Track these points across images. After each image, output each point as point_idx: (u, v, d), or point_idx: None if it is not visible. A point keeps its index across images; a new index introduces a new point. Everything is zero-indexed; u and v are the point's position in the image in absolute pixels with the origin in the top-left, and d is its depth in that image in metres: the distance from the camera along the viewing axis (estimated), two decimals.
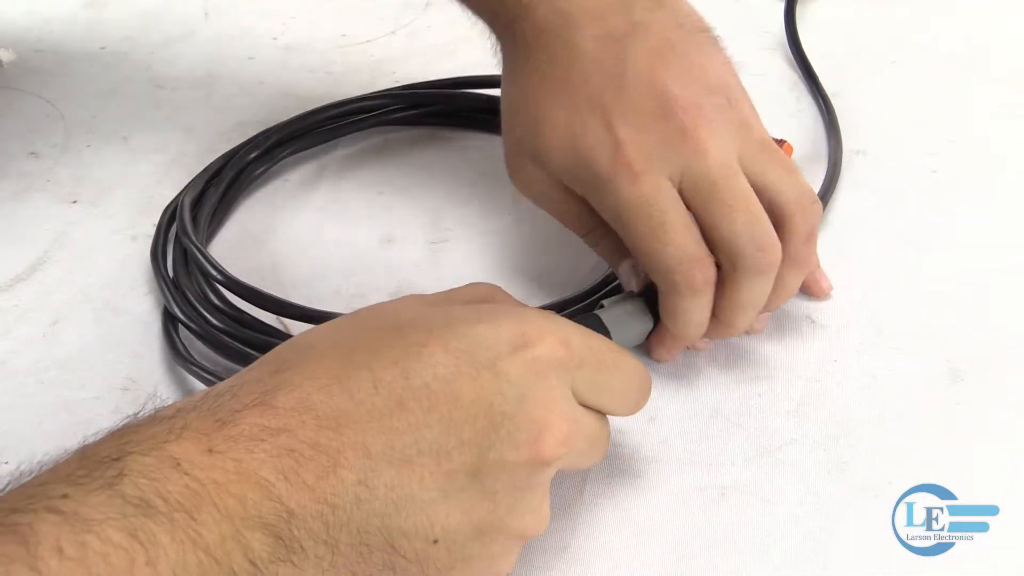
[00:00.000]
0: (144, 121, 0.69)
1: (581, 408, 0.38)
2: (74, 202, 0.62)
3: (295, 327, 0.51)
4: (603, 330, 0.45)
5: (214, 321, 0.52)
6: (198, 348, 0.52)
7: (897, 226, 0.58)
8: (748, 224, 0.45)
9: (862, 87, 0.69)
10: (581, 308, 0.51)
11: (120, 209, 0.61)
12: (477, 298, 0.42)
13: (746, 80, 0.70)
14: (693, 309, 0.46)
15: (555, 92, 0.48)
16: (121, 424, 0.34)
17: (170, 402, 0.35)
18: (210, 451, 0.32)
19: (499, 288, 0.43)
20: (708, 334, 0.48)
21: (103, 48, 0.76)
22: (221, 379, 0.47)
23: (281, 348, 0.38)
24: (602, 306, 0.47)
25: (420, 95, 0.66)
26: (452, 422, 0.35)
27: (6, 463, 0.47)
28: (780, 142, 0.60)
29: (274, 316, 0.52)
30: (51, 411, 0.49)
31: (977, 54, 0.72)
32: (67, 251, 0.59)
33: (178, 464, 0.31)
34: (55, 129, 0.68)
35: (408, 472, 0.34)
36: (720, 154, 0.45)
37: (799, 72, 0.71)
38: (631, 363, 0.40)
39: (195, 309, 0.52)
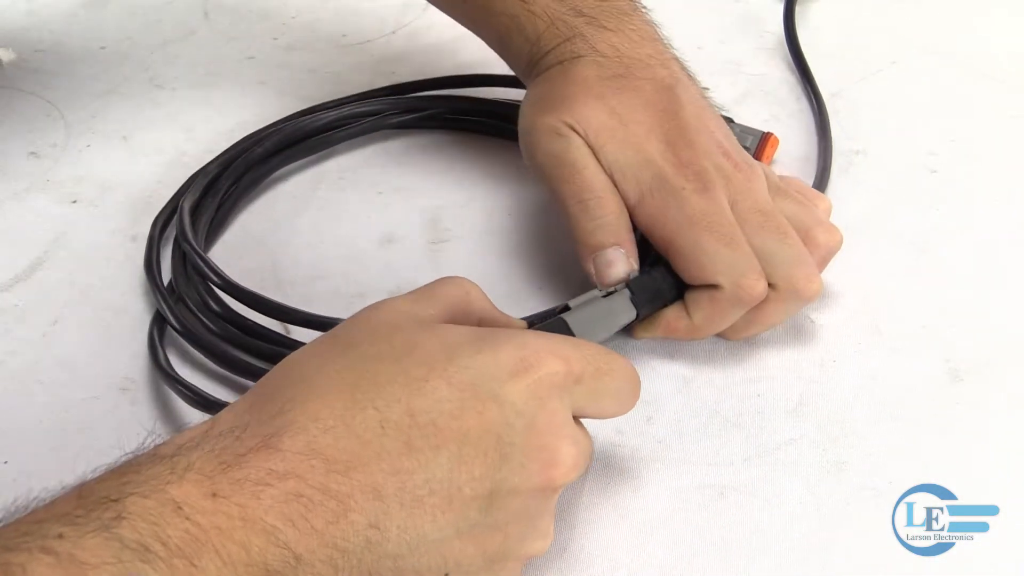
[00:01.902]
0: (144, 121, 0.69)
1: (579, 425, 0.38)
2: (74, 202, 0.62)
3: (297, 332, 0.51)
4: (568, 335, 0.45)
5: (213, 327, 0.51)
6: (195, 358, 0.52)
7: (896, 226, 0.58)
8: (800, 253, 0.48)
9: (862, 87, 0.69)
10: None
11: (120, 209, 0.61)
12: (456, 299, 0.41)
13: (745, 80, 0.70)
14: (734, 315, 0.48)
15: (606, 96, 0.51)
16: (121, 461, 0.33)
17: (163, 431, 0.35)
18: (214, 495, 0.31)
19: (474, 286, 0.42)
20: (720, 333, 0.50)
21: (103, 48, 0.76)
22: (203, 401, 0.47)
23: (275, 380, 0.37)
24: (567, 307, 0.47)
25: (420, 99, 0.67)
26: (462, 458, 0.35)
27: (5, 463, 0.47)
28: (766, 136, 0.60)
29: (275, 321, 0.51)
30: (50, 411, 0.49)
31: (977, 54, 0.72)
32: (67, 251, 0.59)
33: (179, 508, 0.31)
34: (55, 129, 0.68)
35: (420, 512, 0.34)
36: (765, 192, 0.49)
37: (796, 72, 0.71)
38: (621, 364, 0.40)
39: (194, 315, 0.52)
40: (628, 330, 0.50)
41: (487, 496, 0.35)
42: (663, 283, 0.49)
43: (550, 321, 0.45)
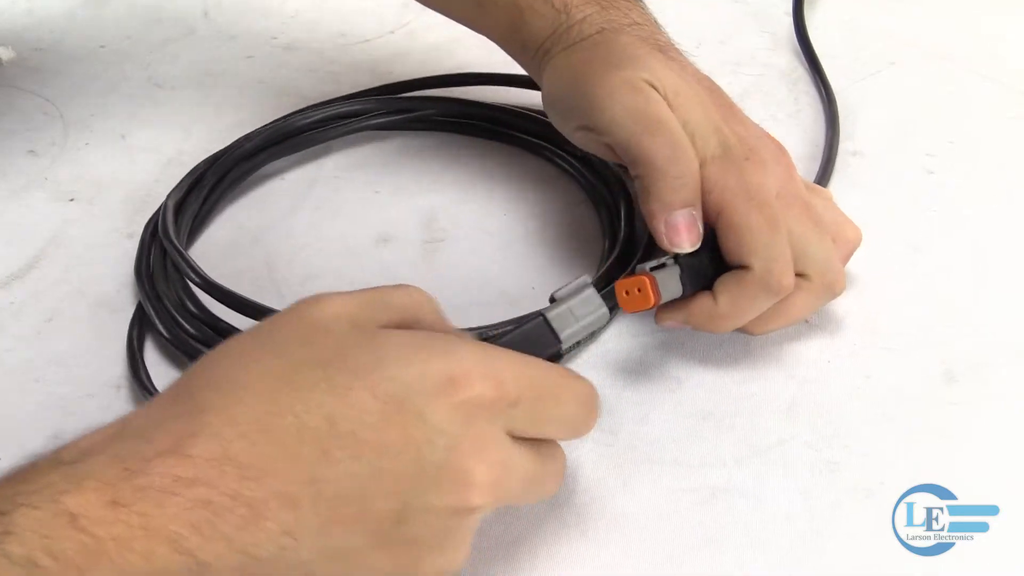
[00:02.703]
0: (143, 120, 0.69)
1: (517, 448, 0.37)
2: (71, 200, 0.62)
3: None
4: (550, 333, 0.43)
5: (189, 328, 0.51)
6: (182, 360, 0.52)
7: (893, 227, 0.58)
8: (832, 247, 0.49)
9: (861, 87, 0.69)
10: None
11: (117, 208, 0.61)
12: (403, 309, 0.39)
13: (747, 78, 0.70)
14: (759, 304, 0.47)
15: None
16: (15, 469, 0.32)
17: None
18: (114, 503, 0.30)
19: (426, 298, 0.40)
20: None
21: (102, 47, 0.76)
22: None
23: (196, 377, 0.35)
24: (553, 299, 0.44)
25: (416, 100, 0.67)
26: (379, 471, 0.34)
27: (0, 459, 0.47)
28: None
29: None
30: (45, 408, 0.50)
31: (976, 54, 0.72)
32: (63, 249, 0.59)
33: (75, 519, 0.29)
34: (54, 127, 0.69)
35: (334, 522, 0.33)
36: (802, 184, 0.50)
37: (804, 66, 0.71)
38: (573, 387, 0.38)
39: (171, 316, 0.52)
40: (648, 315, 0.49)
41: (401, 511, 0.34)
42: (708, 268, 0.48)
43: (529, 324, 0.43)
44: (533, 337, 0.42)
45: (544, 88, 0.54)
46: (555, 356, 0.43)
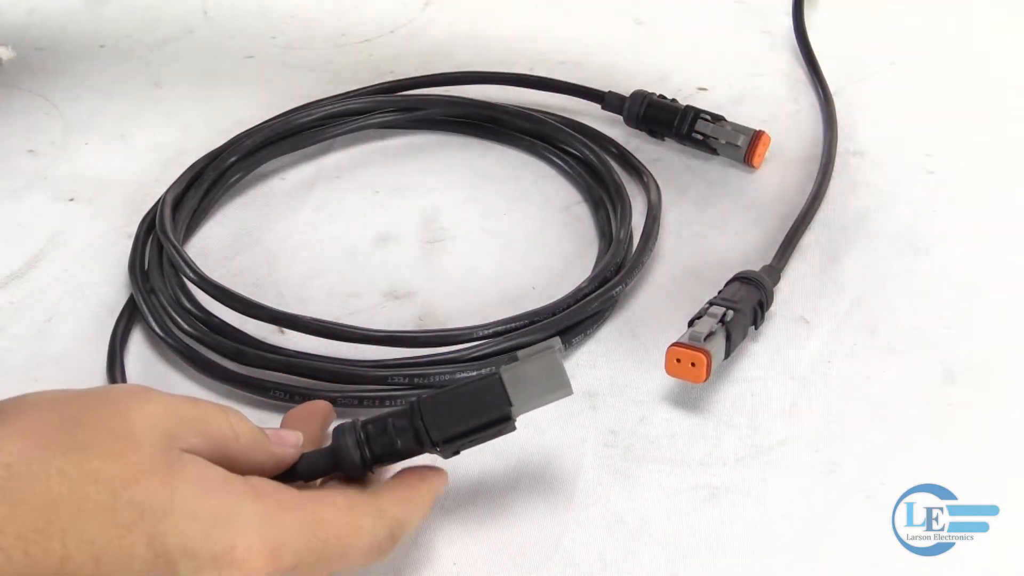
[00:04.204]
0: (142, 119, 0.69)
1: None
2: (71, 200, 0.62)
3: (294, 337, 0.50)
4: (501, 393, 0.39)
5: (184, 325, 0.51)
6: (174, 361, 0.52)
7: (893, 227, 0.58)
8: None
9: (860, 88, 0.69)
10: (573, 311, 0.51)
11: (117, 207, 0.61)
12: (218, 441, 0.37)
13: (747, 78, 0.70)
14: None
15: None
16: None
17: None
18: None
19: (246, 428, 0.38)
20: None
21: (102, 46, 0.76)
22: None
23: None
24: (516, 358, 0.40)
25: (417, 99, 0.67)
26: None
27: None
28: (759, 133, 0.61)
29: (250, 319, 0.51)
30: None
31: (976, 55, 0.72)
32: (63, 248, 0.59)
33: None
34: (53, 127, 0.69)
35: None
36: None
37: (804, 66, 0.71)
38: (362, 541, 0.37)
39: (166, 312, 0.52)
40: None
41: None
42: (741, 333, 0.49)
43: (482, 379, 0.40)
44: (483, 395, 0.39)
45: None
46: (505, 419, 0.39)
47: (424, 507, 0.40)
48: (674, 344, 0.46)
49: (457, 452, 0.40)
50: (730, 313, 0.48)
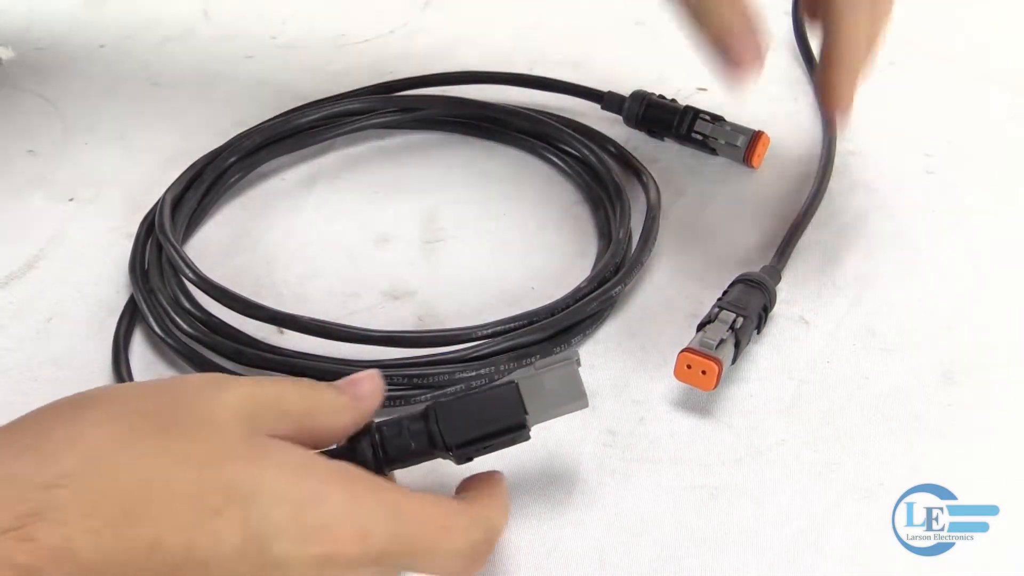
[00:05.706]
0: (142, 120, 0.69)
1: None
2: (71, 200, 0.62)
3: (293, 337, 0.51)
4: (517, 401, 0.39)
5: (184, 325, 0.51)
6: (174, 361, 0.52)
7: (892, 227, 0.58)
8: None
9: (860, 87, 0.69)
10: (572, 311, 0.51)
11: (117, 207, 0.61)
12: (299, 416, 0.37)
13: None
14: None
15: None
16: None
17: None
18: None
19: (328, 399, 0.38)
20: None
21: (102, 47, 0.76)
22: None
23: (59, 434, 0.33)
24: (533, 367, 0.40)
25: (417, 99, 0.67)
26: None
27: None
28: (758, 134, 0.61)
29: (249, 319, 0.51)
30: None
31: (976, 54, 0.72)
32: (63, 249, 0.59)
33: None
34: (53, 127, 0.69)
35: None
36: None
37: (803, 66, 0.71)
38: (453, 542, 0.36)
39: (165, 312, 0.52)
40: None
41: None
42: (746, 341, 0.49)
43: (499, 386, 0.40)
44: (499, 402, 0.39)
45: None
46: (519, 427, 0.40)
47: (508, 510, 0.40)
48: (686, 349, 0.46)
49: (470, 459, 0.40)
50: (740, 320, 0.48)
